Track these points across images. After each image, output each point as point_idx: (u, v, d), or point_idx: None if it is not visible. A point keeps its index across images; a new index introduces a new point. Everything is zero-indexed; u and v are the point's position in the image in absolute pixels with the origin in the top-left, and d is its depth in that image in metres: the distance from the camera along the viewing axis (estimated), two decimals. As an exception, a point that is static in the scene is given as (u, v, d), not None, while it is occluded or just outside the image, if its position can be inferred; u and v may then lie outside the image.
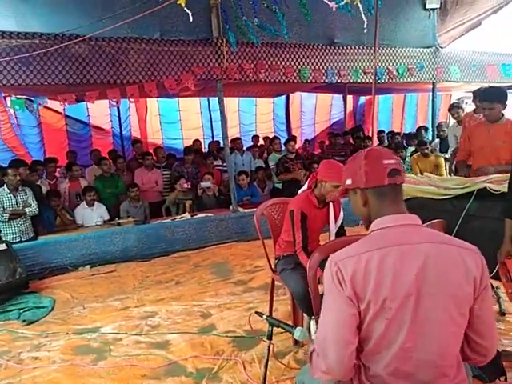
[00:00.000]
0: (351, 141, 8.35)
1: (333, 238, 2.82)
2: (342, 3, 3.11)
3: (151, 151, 6.87)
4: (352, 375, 1.25)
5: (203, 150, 7.96)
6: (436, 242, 1.22)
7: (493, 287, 3.37)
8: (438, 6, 6.23)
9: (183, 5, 3.12)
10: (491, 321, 1.28)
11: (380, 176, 1.25)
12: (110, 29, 4.05)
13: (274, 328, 1.84)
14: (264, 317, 1.92)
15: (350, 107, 10.71)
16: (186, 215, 5.45)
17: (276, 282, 3.04)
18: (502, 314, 3.16)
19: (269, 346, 1.93)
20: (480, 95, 3.42)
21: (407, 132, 9.32)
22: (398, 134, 7.69)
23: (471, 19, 7.13)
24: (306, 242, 2.66)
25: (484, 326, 1.25)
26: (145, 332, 3.19)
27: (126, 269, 4.68)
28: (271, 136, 8.82)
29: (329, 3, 3.24)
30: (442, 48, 6.53)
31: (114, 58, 4.72)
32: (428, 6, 6.15)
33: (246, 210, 5.38)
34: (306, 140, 9.04)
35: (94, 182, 5.75)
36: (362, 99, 10.71)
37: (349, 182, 1.32)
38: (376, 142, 7.04)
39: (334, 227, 2.84)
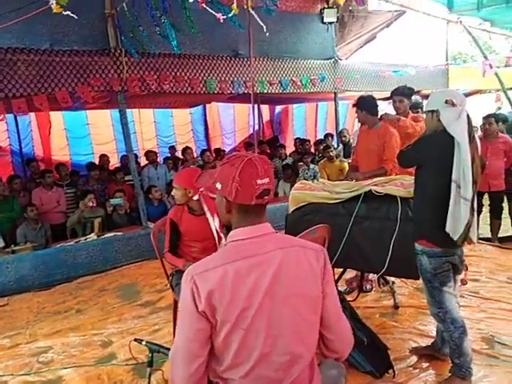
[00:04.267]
0: (267, 150, 8.54)
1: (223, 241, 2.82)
2: (230, 15, 3.12)
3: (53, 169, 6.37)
4: None
5: (116, 164, 7.59)
6: (286, 246, 1.27)
7: (388, 282, 3.59)
8: (335, 20, 6.59)
9: (62, 11, 2.90)
10: (337, 314, 1.34)
11: (249, 196, 1.24)
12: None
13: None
14: (143, 343, 1.81)
15: (267, 117, 11.00)
16: (92, 236, 5.10)
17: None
18: (396, 307, 3.35)
19: (149, 374, 1.82)
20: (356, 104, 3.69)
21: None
22: (308, 141, 8.01)
23: (367, 32, 7.70)
24: (174, 247, 2.80)
25: (330, 320, 1.31)
26: (35, 370, 2.88)
27: (20, 301, 4.22)
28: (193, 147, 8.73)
29: (216, 14, 3.24)
30: (341, 60, 6.93)
31: (-3, 69, 4.29)
32: (326, 20, 6.48)
33: (157, 226, 5.16)
34: (222, 150, 9.05)
35: (-17, 207, 5.16)
36: (279, 109, 11.01)
37: (218, 186, 1.30)
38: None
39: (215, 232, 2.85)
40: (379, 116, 3.63)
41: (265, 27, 4.20)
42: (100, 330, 3.41)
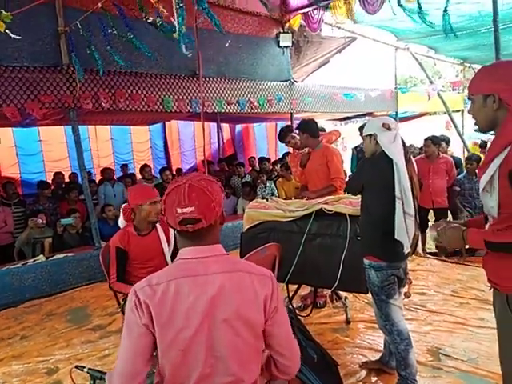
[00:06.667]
0: (226, 168, 8.59)
1: (169, 260, 2.79)
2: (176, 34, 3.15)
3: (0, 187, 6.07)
4: None
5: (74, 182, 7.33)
6: (231, 271, 1.27)
7: (340, 297, 3.67)
8: (291, 45, 6.85)
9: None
10: (288, 340, 1.35)
11: (173, 222, 1.26)
12: None
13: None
14: (85, 370, 1.74)
15: (228, 135, 11.09)
16: (41, 257, 4.86)
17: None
18: (348, 322, 3.43)
19: (93, 402, 1.74)
20: (297, 127, 3.88)
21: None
22: (268, 159, 8.15)
23: (321, 57, 8.04)
24: (122, 275, 2.69)
25: (281, 346, 1.33)
26: (-29, 405, 2.69)
27: (-42, 331, 3.94)
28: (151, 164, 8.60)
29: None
30: (296, 82, 7.17)
31: None
32: (281, 44, 6.73)
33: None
34: (177, 169, 9.00)
35: None
36: (239, 127, 11.13)
37: (163, 207, 1.30)
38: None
39: (167, 249, 2.81)
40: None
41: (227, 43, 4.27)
42: (46, 356, 3.24)
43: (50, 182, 7.05)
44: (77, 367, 1.78)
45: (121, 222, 2.83)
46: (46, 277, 4.66)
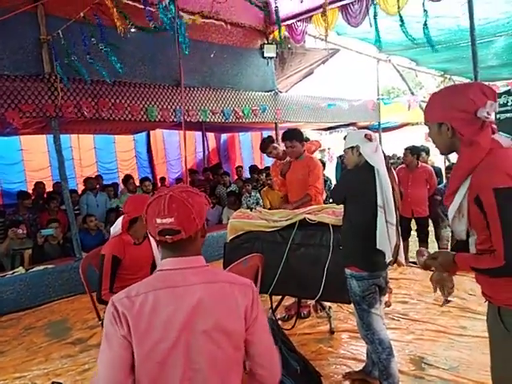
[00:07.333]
0: (211, 177, 8.57)
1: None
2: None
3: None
4: None
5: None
6: (211, 281, 1.27)
7: (324, 307, 3.67)
8: (275, 55, 6.93)
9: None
10: (268, 349, 1.34)
11: (153, 232, 1.27)
12: None
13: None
14: (62, 386, 1.70)
15: (213, 144, 11.09)
16: (20, 270, 4.75)
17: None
18: (332, 332, 3.43)
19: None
20: (282, 136, 3.89)
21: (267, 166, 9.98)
22: (258, 168, 8.18)
23: (305, 68, 8.14)
24: (113, 287, 2.59)
25: (261, 356, 1.31)
26: None
27: None
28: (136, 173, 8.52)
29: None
30: (281, 92, 7.24)
31: None
32: (266, 55, 6.81)
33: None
34: (161, 178, 8.97)
35: None
36: (225, 136, 11.14)
37: (145, 217, 1.31)
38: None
39: (160, 259, 2.78)
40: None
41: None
42: (23, 372, 3.15)
43: (31, 191, 6.92)
44: (53, 383, 1.74)
45: (115, 229, 2.75)
46: (26, 289, 4.55)
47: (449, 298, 1.77)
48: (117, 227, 2.68)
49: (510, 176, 1.36)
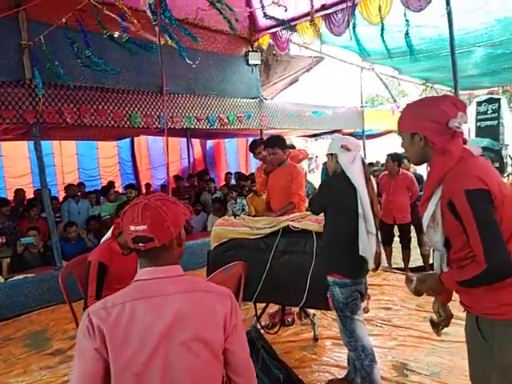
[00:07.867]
0: (196, 183, 8.53)
1: None
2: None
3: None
4: None
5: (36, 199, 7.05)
6: (189, 291, 1.25)
7: (308, 314, 3.67)
8: (259, 63, 6.98)
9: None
10: (245, 358, 1.33)
11: (128, 240, 1.27)
12: None
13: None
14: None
15: (199, 151, 11.05)
16: (-1, 279, 4.64)
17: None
18: (316, 339, 3.42)
19: None
20: (264, 143, 3.90)
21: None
22: (245, 176, 8.16)
23: (290, 75, 8.21)
24: (100, 295, 2.52)
25: (239, 365, 1.31)
26: None
27: None
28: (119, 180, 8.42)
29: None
30: (266, 99, 7.29)
31: None
32: (250, 62, 6.85)
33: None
34: (146, 184, 8.89)
35: None
36: (211, 143, 11.12)
37: (121, 224, 1.33)
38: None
39: None
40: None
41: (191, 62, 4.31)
42: (0, 385, 3.07)
43: (12, 199, 6.78)
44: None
45: (107, 235, 2.70)
46: (4, 299, 4.43)
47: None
48: (109, 233, 2.65)
49: (481, 179, 1.38)
